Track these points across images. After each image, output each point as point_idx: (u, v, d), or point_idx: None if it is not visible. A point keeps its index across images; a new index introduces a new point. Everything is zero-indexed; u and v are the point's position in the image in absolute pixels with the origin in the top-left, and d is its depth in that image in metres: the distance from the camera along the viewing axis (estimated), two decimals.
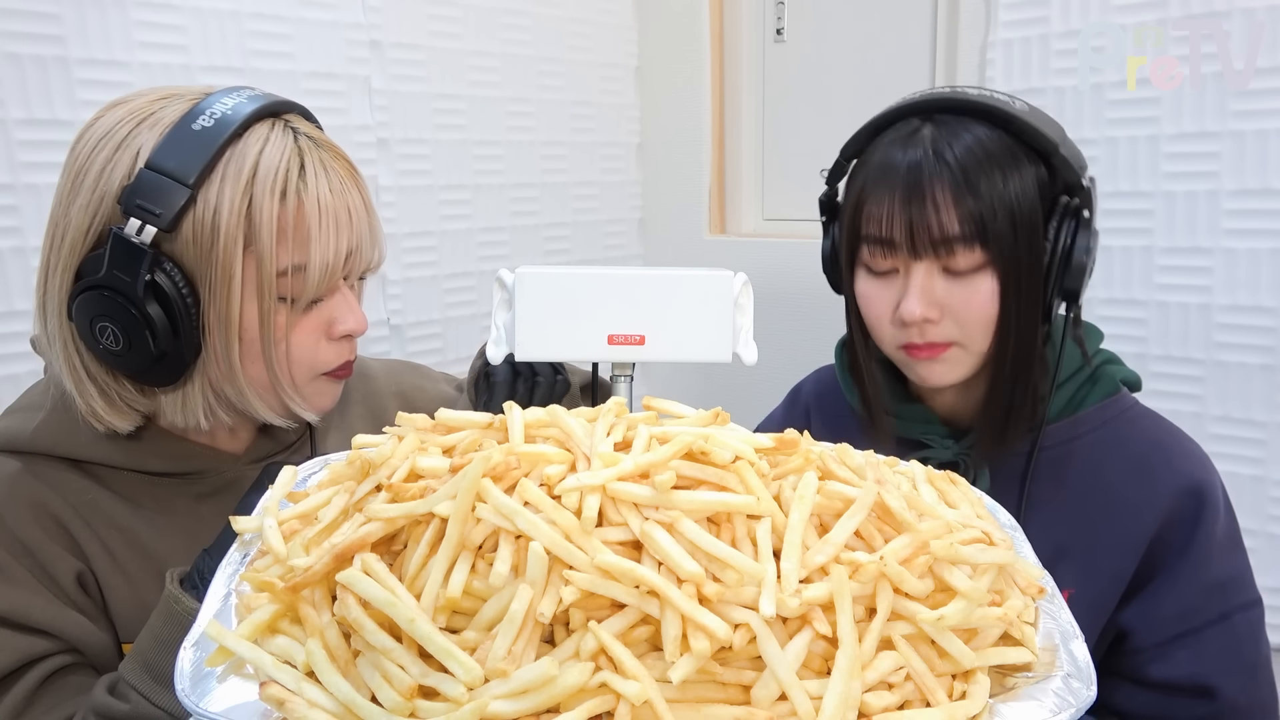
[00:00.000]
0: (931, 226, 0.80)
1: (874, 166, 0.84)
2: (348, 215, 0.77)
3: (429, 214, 1.66)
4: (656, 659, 0.44)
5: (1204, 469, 0.85)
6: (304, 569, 0.48)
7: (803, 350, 1.18)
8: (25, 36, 1.17)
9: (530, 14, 1.77)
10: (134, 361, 0.73)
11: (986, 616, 0.48)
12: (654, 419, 0.57)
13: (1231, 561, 0.84)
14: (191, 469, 0.82)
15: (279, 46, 1.41)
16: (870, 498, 0.50)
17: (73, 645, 0.75)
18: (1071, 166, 0.82)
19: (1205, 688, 0.81)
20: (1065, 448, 0.88)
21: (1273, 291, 1.29)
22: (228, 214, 0.71)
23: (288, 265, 0.74)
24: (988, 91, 0.84)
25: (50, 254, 0.74)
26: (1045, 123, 0.83)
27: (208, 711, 0.44)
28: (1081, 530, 0.85)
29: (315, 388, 0.82)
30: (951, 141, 0.81)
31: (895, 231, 0.82)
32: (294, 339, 0.77)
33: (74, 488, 0.78)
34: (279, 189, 0.73)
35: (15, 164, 1.17)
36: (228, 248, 0.72)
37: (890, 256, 0.84)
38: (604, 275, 0.81)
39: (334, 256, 0.76)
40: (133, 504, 0.80)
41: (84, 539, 0.77)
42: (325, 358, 0.80)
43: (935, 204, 0.79)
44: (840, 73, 1.83)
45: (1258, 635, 0.84)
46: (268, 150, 0.73)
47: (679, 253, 2.02)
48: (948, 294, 0.82)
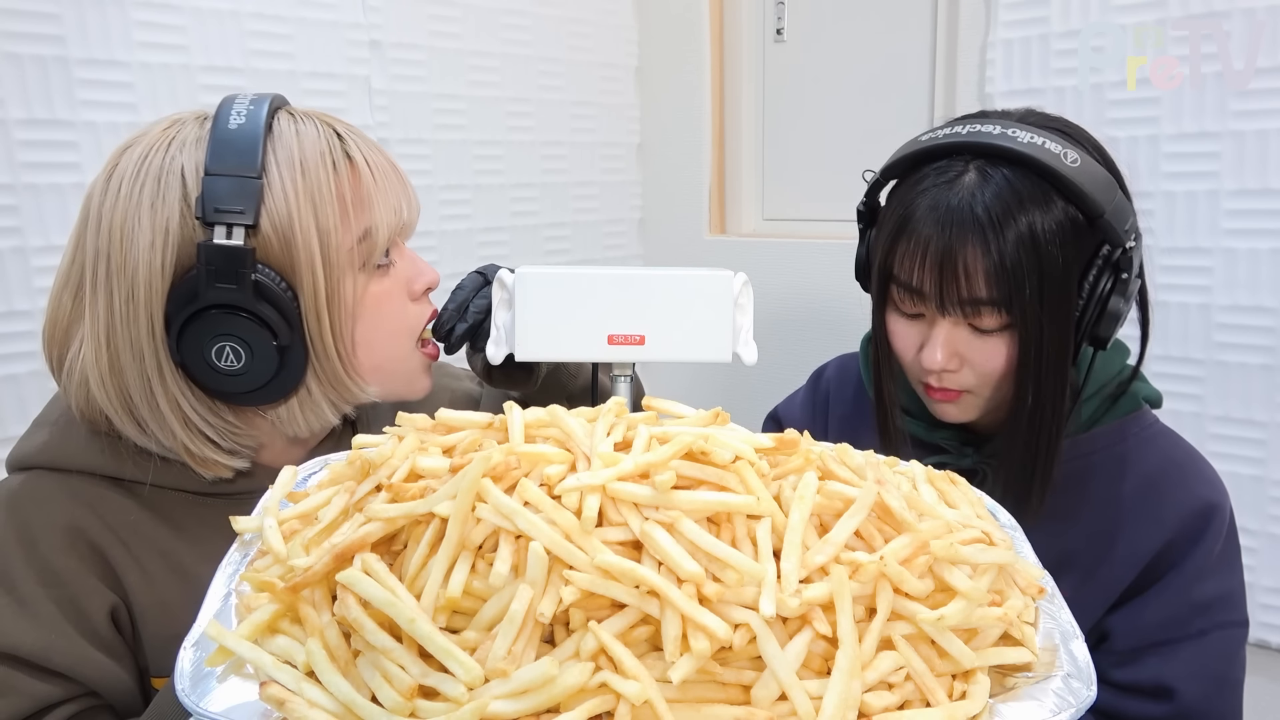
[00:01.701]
0: (961, 289, 0.79)
1: (910, 210, 0.82)
2: (394, 170, 0.78)
3: (429, 214, 1.66)
4: (656, 659, 0.44)
5: (1217, 492, 0.85)
6: (304, 569, 0.48)
7: (803, 350, 1.18)
8: (25, 36, 1.17)
9: (530, 14, 1.77)
10: (258, 373, 0.71)
11: (986, 616, 0.48)
12: (654, 419, 0.57)
13: (1223, 583, 0.84)
14: (237, 489, 0.78)
15: (279, 46, 1.41)
16: (870, 498, 0.50)
17: (91, 689, 0.71)
18: (1115, 230, 0.78)
19: (1164, 688, 0.81)
20: (1083, 461, 0.87)
21: (1273, 291, 1.29)
22: (294, 197, 0.71)
23: (359, 231, 0.74)
24: (1040, 140, 0.79)
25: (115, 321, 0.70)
26: (1094, 181, 0.78)
27: (208, 711, 0.44)
28: (1088, 543, 0.86)
29: (416, 363, 0.82)
30: (989, 197, 0.78)
31: (925, 284, 0.81)
32: (386, 307, 0.78)
33: (114, 508, 0.74)
34: (329, 161, 0.73)
35: (15, 164, 1.17)
36: (304, 231, 0.71)
37: (918, 304, 0.83)
38: (604, 275, 0.81)
39: (395, 212, 0.77)
40: (175, 526, 0.76)
41: (123, 566, 0.74)
42: (415, 320, 0.81)
43: (966, 267, 0.78)
44: (840, 73, 1.83)
45: (1232, 654, 0.84)
46: (302, 131, 0.74)
47: (679, 253, 2.02)
48: (968, 347, 0.82)
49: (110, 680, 0.72)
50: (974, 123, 0.82)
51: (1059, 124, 0.83)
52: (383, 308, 0.77)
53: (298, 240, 0.71)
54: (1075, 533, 0.86)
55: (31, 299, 1.19)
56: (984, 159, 0.80)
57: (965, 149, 0.81)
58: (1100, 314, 0.80)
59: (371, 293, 0.77)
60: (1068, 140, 0.80)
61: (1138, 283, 0.82)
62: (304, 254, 0.71)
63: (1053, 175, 0.77)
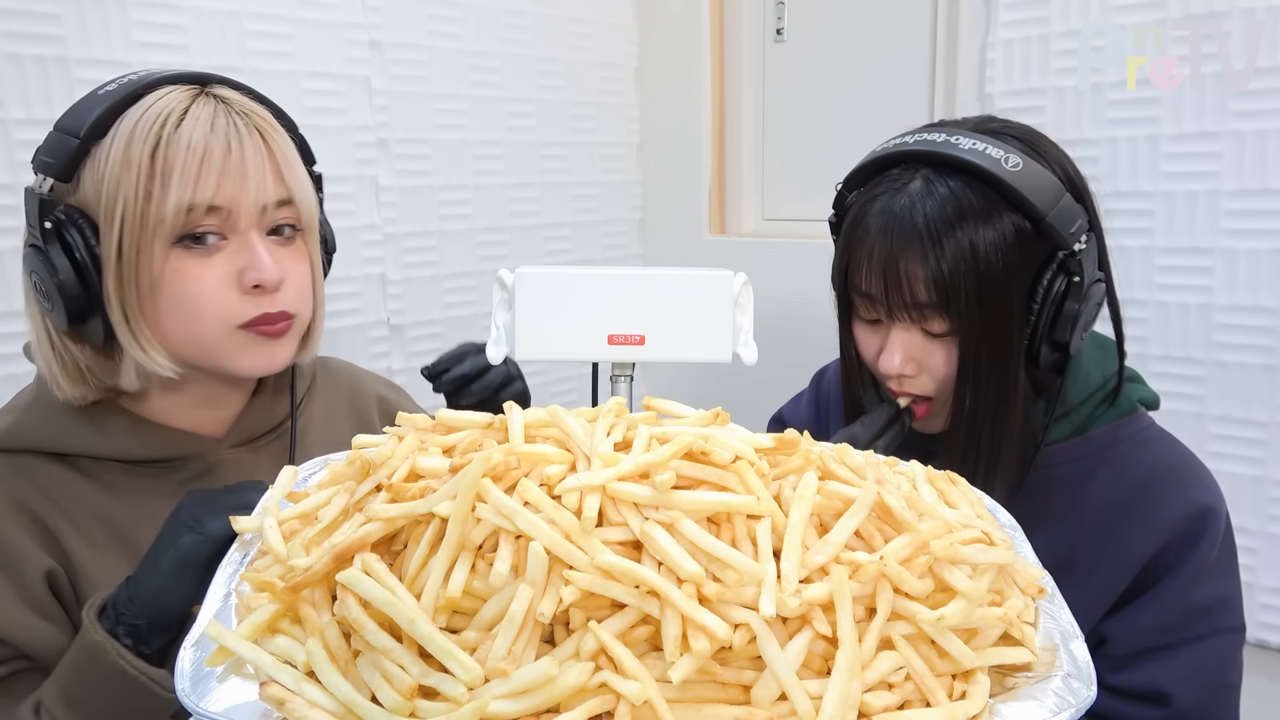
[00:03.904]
0: (905, 294, 0.81)
1: (861, 216, 0.85)
2: (225, 155, 0.77)
3: (429, 214, 1.66)
4: (656, 659, 0.44)
5: (1212, 496, 0.85)
6: (304, 569, 0.48)
7: (803, 350, 1.18)
8: (25, 36, 1.17)
9: (530, 14, 1.77)
10: (62, 311, 0.76)
11: (986, 616, 0.48)
12: (654, 419, 0.57)
13: (1220, 587, 0.84)
14: (172, 454, 0.84)
15: (279, 46, 1.41)
16: (870, 498, 0.50)
17: (24, 653, 0.76)
18: (1060, 233, 0.79)
19: (1160, 694, 0.81)
20: (1078, 465, 0.87)
21: (1273, 291, 1.29)
22: (112, 162, 0.75)
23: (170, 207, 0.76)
24: (981, 145, 0.80)
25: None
26: (1035, 185, 0.79)
27: (208, 711, 0.44)
28: (1085, 547, 0.85)
29: (236, 342, 0.81)
30: (931, 207, 0.80)
31: (874, 290, 0.84)
32: (196, 287, 0.78)
33: (55, 480, 0.80)
34: (153, 137, 0.76)
35: (15, 164, 1.17)
36: (109, 194, 0.75)
37: (873, 310, 0.86)
38: (604, 275, 0.81)
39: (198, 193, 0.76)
40: (114, 494, 0.82)
41: (63, 532, 0.79)
42: (236, 309, 0.80)
43: (908, 274, 0.81)
44: (840, 73, 1.83)
45: (1229, 659, 0.84)
46: (156, 106, 0.77)
47: (679, 253, 2.02)
48: (923, 352, 0.84)
49: (42, 643, 0.76)
50: (925, 132, 0.85)
51: (1016, 130, 0.85)
52: (185, 286, 0.78)
53: (103, 201, 0.76)
54: (1072, 537, 0.86)
55: None
56: (931, 168, 0.82)
57: (913, 158, 0.83)
58: (1055, 317, 0.81)
59: (175, 268, 0.77)
60: (1014, 145, 0.81)
61: (1099, 284, 0.83)
62: (106, 215, 0.76)
63: (993, 180, 0.79)
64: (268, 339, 0.82)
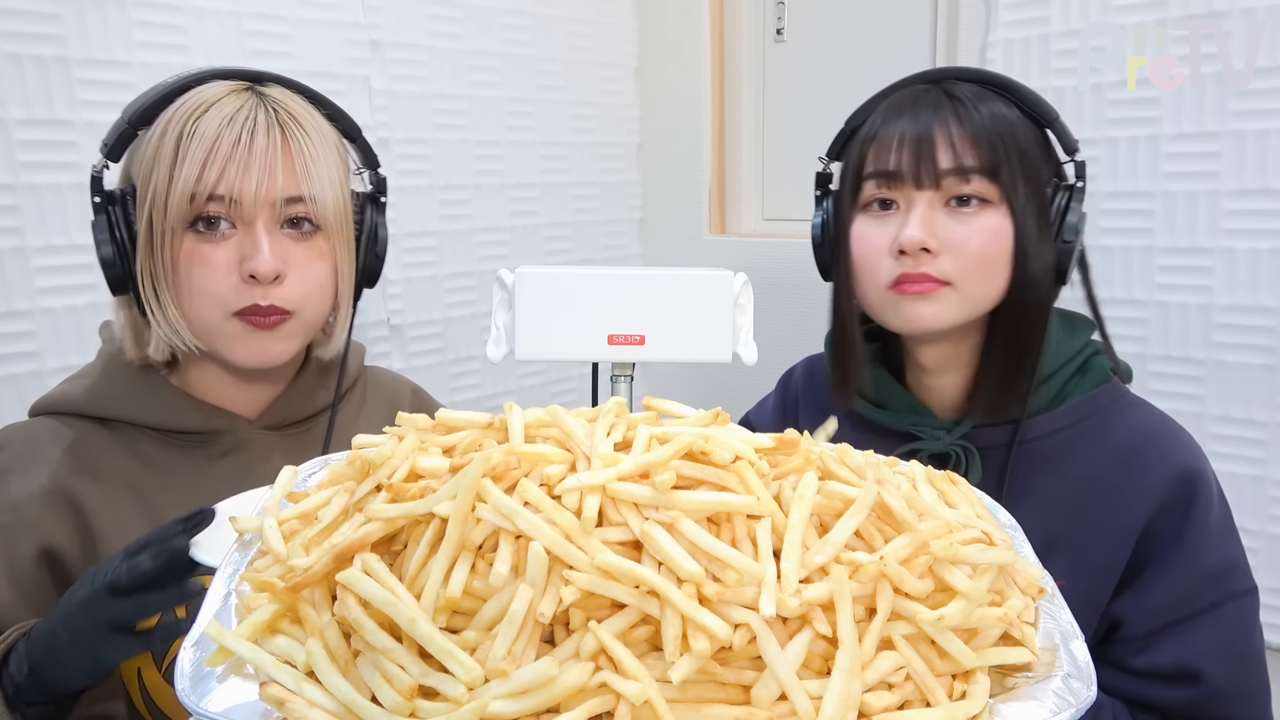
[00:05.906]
0: (939, 156, 0.83)
1: (883, 110, 0.89)
2: (233, 146, 0.80)
3: (429, 214, 1.66)
4: (656, 659, 0.44)
5: (1195, 457, 0.85)
6: (304, 569, 0.48)
7: (803, 350, 1.18)
8: (25, 36, 1.17)
9: (530, 14, 1.77)
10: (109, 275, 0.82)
11: (986, 616, 0.48)
12: (654, 419, 0.57)
13: (1225, 550, 0.83)
14: (208, 428, 0.88)
15: (279, 46, 1.41)
16: (870, 498, 0.50)
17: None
18: (1068, 134, 0.87)
19: (1190, 672, 0.80)
20: (1055, 438, 0.87)
21: (1273, 291, 1.29)
22: (148, 149, 0.81)
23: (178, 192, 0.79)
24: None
25: None
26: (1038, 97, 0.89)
27: (208, 711, 0.44)
28: (1072, 521, 0.85)
29: (230, 330, 0.83)
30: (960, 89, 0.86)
31: (902, 162, 0.84)
32: (202, 270, 0.81)
33: (96, 442, 0.85)
34: (180, 126, 0.80)
35: (15, 164, 1.17)
36: (146, 179, 0.80)
37: (894, 188, 0.86)
38: (604, 275, 0.81)
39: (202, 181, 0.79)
40: (144, 462, 0.86)
41: (89, 494, 0.83)
42: (231, 296, 0.82)
43: (949, 138, 0.83)
44: (840, 73, 1.83)
45: (1249, 624, 0.83)
46: (196, 97, 0.82)
47: (679, 253, 2.02)
48: (948, 229, 0.84)
49: (10, 618, 0.77)
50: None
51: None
52: (194, 268, 0.82)
53: (138, 183, 0.82)
54: (1058, 511, 0.85)
55: (31, 299, 1.19)
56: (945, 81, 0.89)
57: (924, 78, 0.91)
58: (1062, 220, 0.85)
59: (189, 250, 0.82)
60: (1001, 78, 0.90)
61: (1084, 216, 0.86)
62: (140, 196, 0.82)
63: (1007, 85, 0.87)
64: (257, 330, 0.83)
